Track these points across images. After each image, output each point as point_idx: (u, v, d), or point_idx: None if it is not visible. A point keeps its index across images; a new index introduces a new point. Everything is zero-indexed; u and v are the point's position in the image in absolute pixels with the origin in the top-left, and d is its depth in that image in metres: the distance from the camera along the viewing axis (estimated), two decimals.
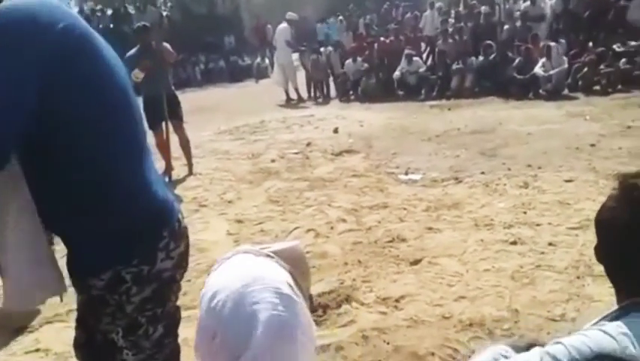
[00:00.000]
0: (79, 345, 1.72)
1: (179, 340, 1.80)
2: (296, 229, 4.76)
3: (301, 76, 13.64)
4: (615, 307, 1.22)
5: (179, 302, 1.78)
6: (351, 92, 12.77)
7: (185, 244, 1.73)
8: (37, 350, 3.27)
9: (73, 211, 1.54)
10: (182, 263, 1.73)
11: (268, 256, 1.24)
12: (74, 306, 1.72)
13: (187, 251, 1.76)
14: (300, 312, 1.14)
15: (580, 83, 10.26)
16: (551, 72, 10.11)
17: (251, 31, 21.80)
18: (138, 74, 6.17)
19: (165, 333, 1.73)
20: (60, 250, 1.64)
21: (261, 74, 18.36)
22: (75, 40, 1.42)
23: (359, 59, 12.64)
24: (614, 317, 1.17)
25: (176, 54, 6.90)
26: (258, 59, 19.33)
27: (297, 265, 1.25)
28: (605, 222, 1.22)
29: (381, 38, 13.66)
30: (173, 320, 1.79)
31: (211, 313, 1.15)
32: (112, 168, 1.54)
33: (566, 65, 10.23)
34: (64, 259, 1.61)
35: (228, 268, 1.20)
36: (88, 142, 1.48)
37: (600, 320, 1.21)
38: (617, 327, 1.11)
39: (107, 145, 1.52)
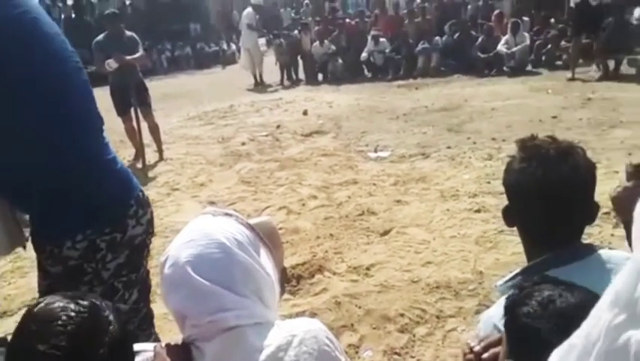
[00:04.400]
0: None
1: None
2: (268, 207, 4.83)
3: (270, 60, 13.63)
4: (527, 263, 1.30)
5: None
6: (319, 75, 12.84)
7: (150, 211, 1.85)
8: None
9: (38, 186, 1.61)
10: (149, 229, 1.84)
11: (226, 214, 1.18)
12: None
13: (152, 218, 1.87)
14: (239, 255, 1.08)
15: (543, 59, 10.52)
16: (514, 49, 10.33)
17: (216, 17, 21.63)
18: (112, 64, 6.13)
19: (140, 297, 1.83)
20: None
21: (228, 60, 18.25)
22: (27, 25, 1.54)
23: (326, 41, 12.67)
24: (532, 272, 1.22)
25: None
26: (225, 45, 19.20)
27: (268, 238, 1.25)
28: (517, 183, 1.29)
29: (347, 20, 13.74)
30: (146, 284, 1.90)
31: (161, 276, 1.12)
32: (71, 137, 1.61)
33: (528, 42, 10.47)
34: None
35: (182, 231, 1.14)
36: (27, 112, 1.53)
37: (515, 275, 1.29)
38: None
39: (54, 118, 1.58)
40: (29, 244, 1.77)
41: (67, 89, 1.64)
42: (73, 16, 18.41)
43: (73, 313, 0.89)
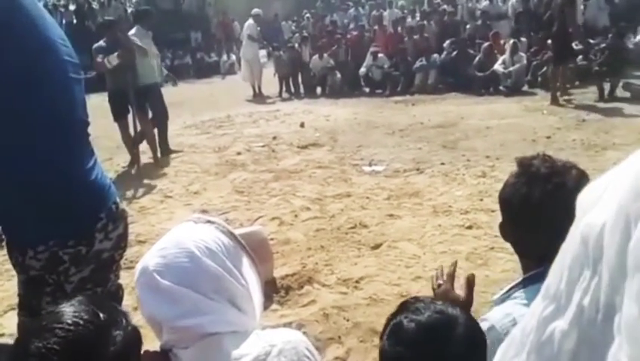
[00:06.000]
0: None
1: None
2: (260, 217, 4.84)
3: (269, 72, 13.67)
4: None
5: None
6: (317, 88, 12.89)
7: (123, 226, 1.80)
8: (2, 335, 3.29)
9: (5, 195, 1.59)
10: (120, 244, 1.79)
11: (209, 222, 1.17)
12: None
13: (126, 233, 1.83)
14: (208, 264, 1.07)
15: (539, 79, 10.60)
16: (511, 69, 10.42)
17: (217, 27, 21.72)
18: (113, 60, 6.14)
19: None
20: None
21: (228, 70, 18.31)
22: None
23: (325, 55, 12.72)
24: (527, 285, 1.30)
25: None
26: (225, 56, 19.27)
27: (258, 247, 1.24)
28: (508, 198, 1.34)
29: (348, 35, 13.82)
30: (115, 298, 1.85)
31: (135, 284, 1.12)
32: (36, 144, 1.57)
33: (525, 62, 10.55)
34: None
35: (160, 240, 1.14)
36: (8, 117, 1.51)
37: (511, 287, 1.34)
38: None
39: (32, 123, 1.55)
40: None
41: (60, 99, 1.61)
42: (74, 22, 18.48)
43: (81, 322, 0.90)
